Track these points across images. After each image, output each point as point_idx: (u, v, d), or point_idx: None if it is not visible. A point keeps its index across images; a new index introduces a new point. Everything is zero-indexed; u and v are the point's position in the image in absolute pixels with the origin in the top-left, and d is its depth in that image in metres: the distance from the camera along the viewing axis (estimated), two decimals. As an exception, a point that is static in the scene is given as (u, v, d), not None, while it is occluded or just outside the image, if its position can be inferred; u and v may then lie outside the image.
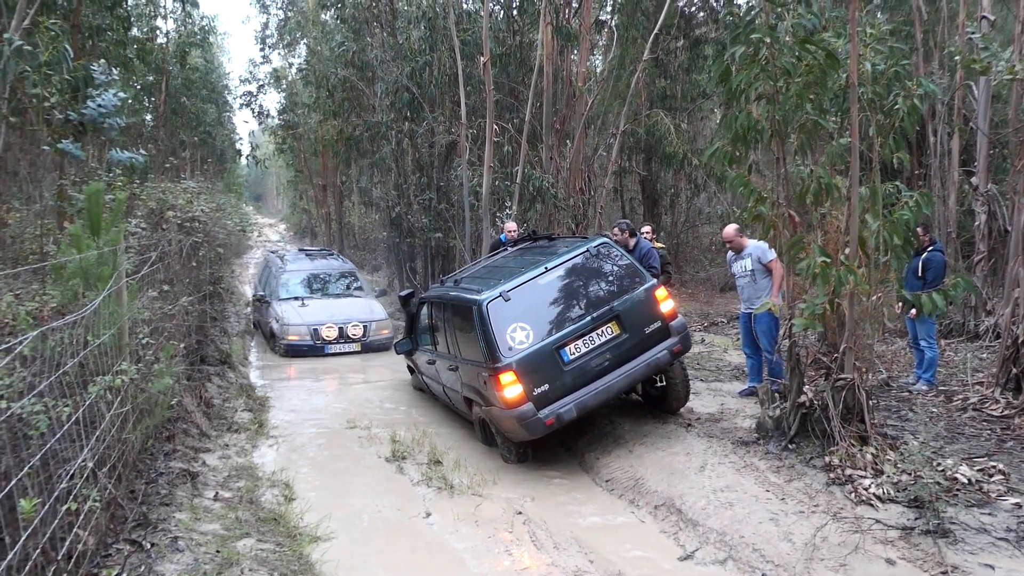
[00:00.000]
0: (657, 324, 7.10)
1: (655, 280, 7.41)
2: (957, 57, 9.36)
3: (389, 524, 5.95)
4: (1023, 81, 6.86)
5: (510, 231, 11.10)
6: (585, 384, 6.80)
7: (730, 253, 8.50)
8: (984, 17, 9.23)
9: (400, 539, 5.68)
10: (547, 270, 7.08)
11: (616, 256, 7.35)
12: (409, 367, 10.66)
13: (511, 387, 6.59)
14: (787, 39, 5.87)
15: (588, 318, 6.90)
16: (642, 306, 7.11)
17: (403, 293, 10.23)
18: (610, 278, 7.20)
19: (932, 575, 4.48)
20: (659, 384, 7.62)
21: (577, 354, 6.82)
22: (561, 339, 6.79)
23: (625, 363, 6.95)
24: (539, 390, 6.66)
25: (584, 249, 7.27)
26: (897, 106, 5.82)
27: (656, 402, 8.00)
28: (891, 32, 6.26)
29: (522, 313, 6.81)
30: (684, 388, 7.74)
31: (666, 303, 7.23)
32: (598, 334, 6.92)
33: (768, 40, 5.76)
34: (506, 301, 6.81)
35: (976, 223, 11.41)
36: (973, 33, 8.16)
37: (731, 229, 8.26)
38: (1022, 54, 7.07)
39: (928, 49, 13.17)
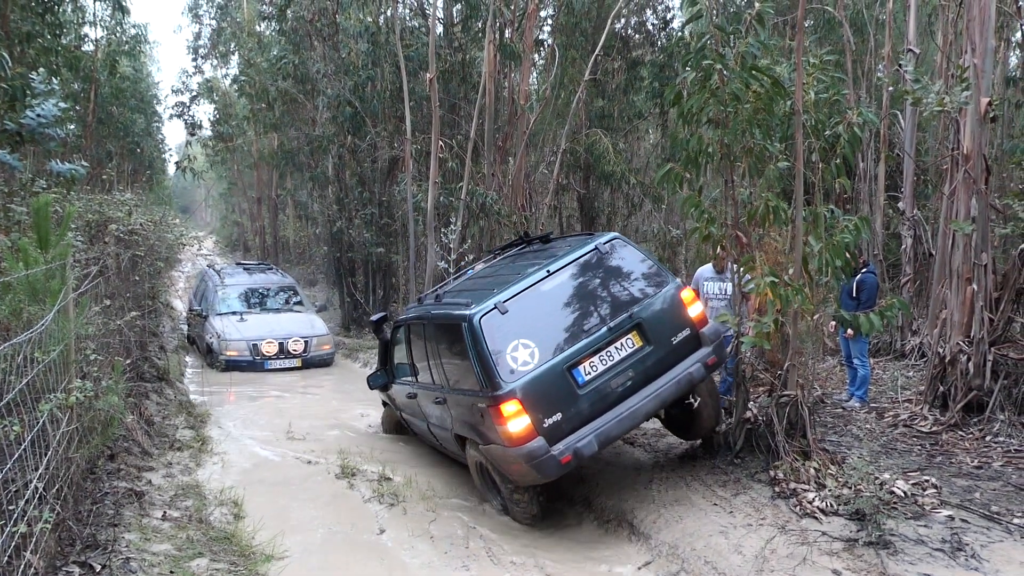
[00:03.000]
0: (686, 332, 6.00)
1: (679, 280, 6.32)
2: (891, 88, 9.85)
3: (343, 541, 5.90)
4: (950, 112, 7.25)
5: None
6: (605, 409, 5.68)
7: (706, 272, 8.31)
8: (911, 50, 9.75)
9: (356, 556, 5.64)
10: (549, 274, 5.92)
11: (631, 254, 6.21)
12: (384, 402, 9.35)
13: (516, 419, 5.41)
14: (735, 66, 6.10)
15: (604, 329, 5.77)
16: (667, 311, 6.00)
17: (375, 317, 8.91)
18: (626, 280, 6.09)
19: (876, 588, 4.67)
20: (688, 404, 6.42)
21: (593, 373, 5.69)
22: (573, 356, 5.65)
23: (651, 381, 5.84)
24: (550, 420, 5.49)
25: (592, 247, 6.13)
26: (838, 134, 6.10)
27: (680, 426, 6.89)
28: (828, 62, 6.56)
29: (523, 328, 5.65)
30: (715, 409, 6.55)
31: (694, 306, 6.13)
32: (617, 348, 5.80)
33: (718, 67, 5.99)
34: (503, 314, 5.65)
35: (902, 246, 11.95)
36: (904, 66, 8.62)
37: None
38: (949, 87, 7.50)
39: (856, 78, 13.77)
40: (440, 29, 17.40)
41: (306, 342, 13.64)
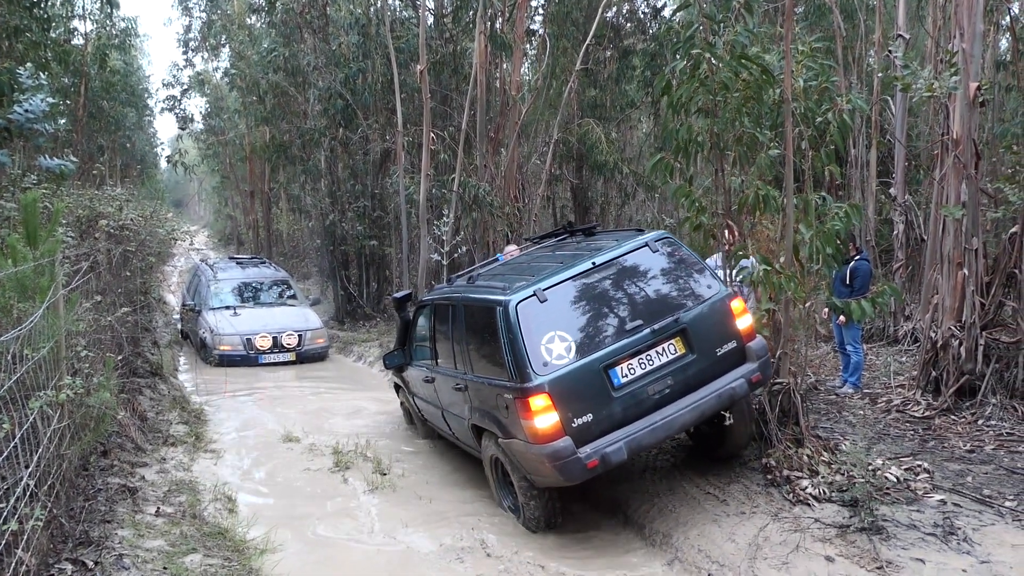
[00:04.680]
0: (732, 344, 5.68)
1: (729, 289, 6.00)
2: (880, 74, 9.85)
3: (338, 535, 5.91)
4: (939, 98, 7.25)
5: (511, 255, 9.59)
6: (639, 416, 5.37)
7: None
8: (900, 35, 9.73)
9: (350, 549, 5.65)
10: (595, 266, 5.64)
11: (682, 255, 5.90)
12: (396, 386, 9.04)
13: (544, 415, 5.14)
14: (724, 54, 6.09)
15: (647, 331, 5.46)
16: (714, 320, 5.67)
17: (399, 295, 8.54)
18: (674, 282, 5.79)
19: (868, 570, 4.69)
20: (721, 420, 5.79)
21: (631, 376, 5.39)
22: (611, 356, 5.35)
23: (690, 391, 5.51)
24: (580, 421, 5.21)
25: (642, 244, 5.82)
26: (828, 121, 6.09)
27: (710, 444, 6.48)
28: (817, 49, 6.55)
29: (562, 319, 5.40)
30: (748, 428, 6.16)
31: (743, 318, 5.77)
32: (658, 352, 5.48)
33: (707, 55, 5.97)
34: (541, 303, 5.38)
35: (894, 232, 11.97)
36: (893, 52, 8.61)
37: None
38: (938, 72, 7.49)
39: (847, 64, 13.76)
40: (431, 20, 17.33)
41: (300, 336, 13.62)
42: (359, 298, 18.28)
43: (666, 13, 18.85)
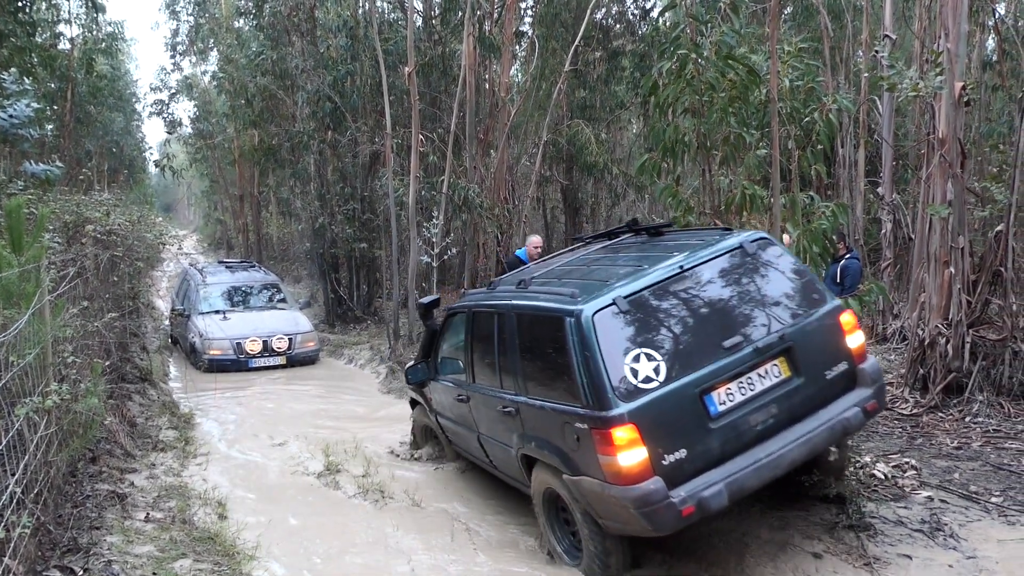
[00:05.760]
0: (843, 366, 4.82)
1: (839, 300, 5.15)
2: (867, 74, 9.92)
3: (329, 538, 5.89)
4: (925, 98, 7.30)
5: (535, 246, 9.30)
6: (739, 451, 4.49)
7: None
8: (887, 36, 9.80)
9: (342, 554, 5.63)
10: (682, 271, 4.79)
11: (782, 260, 5.06)
12: (413, 402, 7.97)
13: (629, 450, 4.25)
14: (711, 55, 6.12)
15: (748, 349, 4.60)
16: (823, 337, 4.84)
17: (426, 300, 7.56)
18: (775, 292, 4.92)
19: (856, 567, 4.72)
20: (827, 453, 5.23)
21: (729, 403, 4.53)
22: (708, 379, 4.48)
23: (797, 422, 4.64)
24: (672, 457, 4.33)
25: (736, 245, 4.98)
26: (815, 121, 6.13)
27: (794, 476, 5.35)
28: (804, 49, 6.59)
29: (647, 334, 4.56)
30: (844, 459, 5.49)
31: (855, 335, 4.93)
32: (760, 375, 4.63)
33: (693, 56, 6.00)
34: (622, 313, 4.52)
35: (882, 231, 12.04)
36: (880, 52, 8.67)
37: None
38: (923, 72, 7.54)
39: (835, 64, 13.83)
40: (419, 22, 17.33)
41: (290, 340, 13.58)
42: (349, 301, 18.25)
43: (655, 14, 18.91)
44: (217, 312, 14.02)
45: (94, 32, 24.68)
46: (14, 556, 3.99)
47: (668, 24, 7.28)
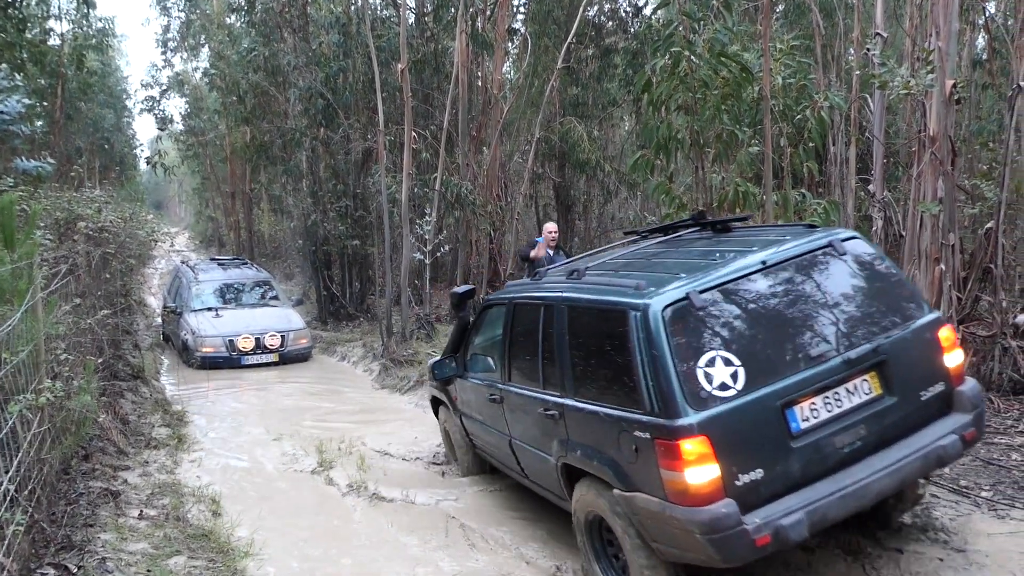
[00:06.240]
0: (939, 387, 4.28)
1: (937, 312, 4.66)
2: (858, 72, 9.97)
3: (323, 535, 5.89)
4: (916, 96, 7.34)
5: (550, 232, 9.05)
6: (820, 476, 3.93)
7: None
8: (878, 34, 9.83)
9: (336, 550, 5.63)
10: (765, 266, 4.24)
11: (875, 263, 4.50)
12: (435, 401, 7.47)
13: (699, 466, 3.71)
14: (704, 52, 6.14)
15: (838, 360, 4.05)
16: (919, 352, 4.29)
17: (460, 290, 6.96)
18: (867, 297, 4.38)
19: (847, 562, 4.75)
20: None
21: (814, 420, 3.97)
22: (790, 391, 3.93)
23: (884, 447, 4.08)
24: (747, 478, 3.78)
25: (825, 243, 4.43)
26: (807, 118, 6.16)
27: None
28: (796, 47, 6.62)
29: (724, 335, 4.02)
30: (925, 491, 4.99)
31: (953, 354, 4.39)
32: (848, 390, 4.07)
33: (687, 53, 6.02)
34: (697, 309, 3.99)
35: (873, 228, 12.06)
36: (871, 50, 8.71)
37: None
38: (915, 70, 7.58)
39: (826, 62, 13.87)
40: (412, 19, 17.32)
41: (283, 337, 13.57)
42: (342, 298, 18.24)
43: (647, 11, 18.94)
44: (209, 309, 14.00)
45: (84, 28, 24.56)
46: (8, 553, 3.99)
47: (661, 21, 7.30)
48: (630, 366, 4.01)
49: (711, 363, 3.87)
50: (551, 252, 8.48)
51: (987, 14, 10.76)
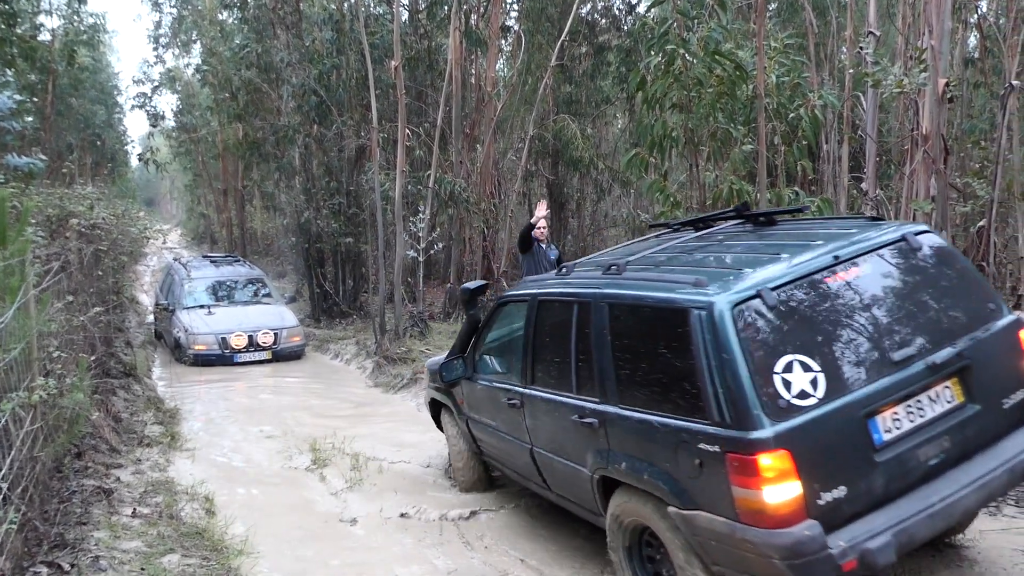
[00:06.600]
0: (1021, 394, 3.94)
1: (1018, 313, 4.37)
2: (851, 70, 10.01)
3: (317, 534, 5.88)
4: (909, 94, 7.36)
5: (541, 227, 8.16)
6: (903, 492, 3.58)
7: None
8: (871, 32, 9.86)
9: (331, 549, 5.62)
10: (837, 261, 3.85)
11: (949, 260, 4.15)
12: (435, 404, 6.95)
13: (779, 484, 3.34)
14: (698, 51, 6.15)
15: (920, 365, 3.70)
16: (1002, 357, 3.97)
17: (471, 285, 6.51)
18: (946, 298, 4.02)
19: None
20: None
21: (896, 432, 3.62)
22: (875, 399, 3.58)
23: (966, 459, 3.75)
24: (829, 496, 3.41)
25: (899, 237, 4.07)
26: (800, 117, 6.18)
27: None
28: (789, 45, 6.64)
29: (802, 337, 3.63)
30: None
31: None
32: (930, 398, 3.75)
33: (681, 51, 6.02)
34: (769, 309, 3.61)
35: (865, 225, 12.11)
36: (864, 48, 8.74)
37: None
38: (907, 69, 7.60)
39: (819, 60, 13.91)
40: (405, 16, 17.28)
41: (276, 334, 13.54)
42: (335, 296, 18.21)
43: (641, 9, 18.94)
44: (202, 307, 13.98)
45: (75, 23, 24.44)
46: (1, 552, 3.97)
47: (655, 19, 7.30)
48: (693, 371, 3.62)
49: (789, 368, 3.49)
50: (543, 246, 8.00)
51: (979, 13, 10.80)
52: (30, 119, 21.54)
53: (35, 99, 22.01)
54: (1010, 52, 8.92)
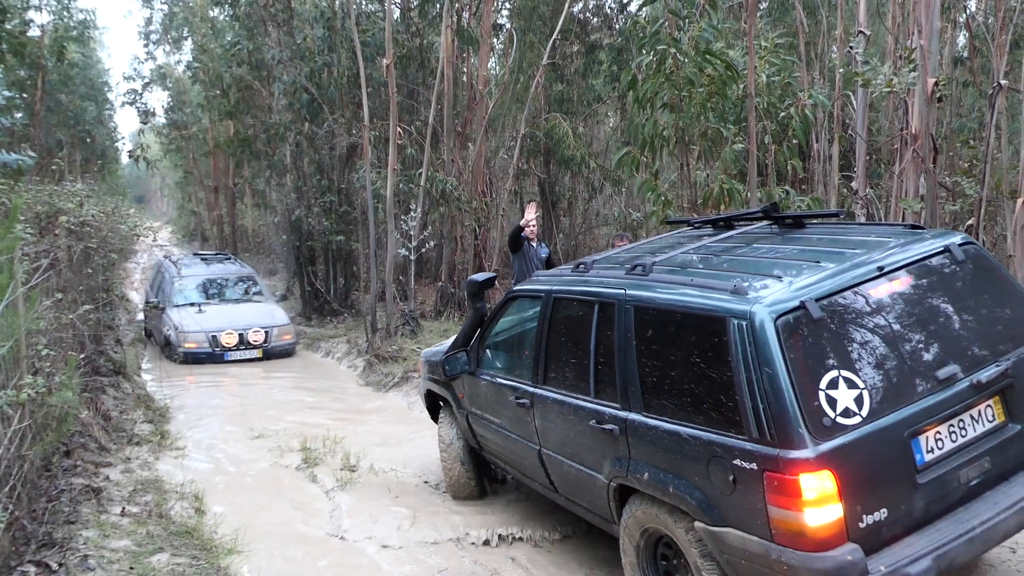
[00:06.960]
0: None
1: None
2: (842, 70, 10.05)
3: (307, 533, 5.88)
4: (898, 93, 7.39)
5: (531, 224, 8.14)
6: (941, 513, 3.49)
7: None
8: (861, 32, 9.90)
9: (320, 548, 5.62)
10: (881, 272, 3.70)
11: (990, 271, 4.01)
12: (432, 395, 6.75)
13: (821, 506, 3.20)
14: (689, 50, 6.16)
15: (965, 384, 3.59)
16: None
17: (480, 277, 6.29)
18: (988, 312, 3.91)
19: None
20: None
21: (938, 452, 3.52)
22: (919, 418, 3.46)
23: (1005, 480, 3.67)
24: (871, 518, 3.30)
25: (942, 247, 3.92)
26: (791, 116, 6.20)
27: None
28: (780, 45, 6.66)
29: (846, 351, 3.47)
30: None
31: None
32: (972, 417, 3.64)
33: (673, 51, 6.03)
34: (813, 321, 3.42)
35: (856, 224, 12.16)
36: (854, 48, 8.78)
37: None
38: (897, 68, 7.63)
39: (810, 60, 13.95)
40: (397, 14, 17.25)
41: (267, 332, 13.51)
42: (326, 294, 18.18)
43: (632, 8, 18.96)
44: (192, 305, 13.93)
45: (65, 19, 24.29)
46: (-12, 551, 3.96)
47: (646, 18, 7.31)
48: (731, 383, 3.45)
49: (834, 384, 3.34)
50: (533, 244, 7.92)
51: (968, 12, 10.85)
52: (19, 115, 21.46)
53: (24, 95, 21.89)
54: (998, 51, 8.97)
